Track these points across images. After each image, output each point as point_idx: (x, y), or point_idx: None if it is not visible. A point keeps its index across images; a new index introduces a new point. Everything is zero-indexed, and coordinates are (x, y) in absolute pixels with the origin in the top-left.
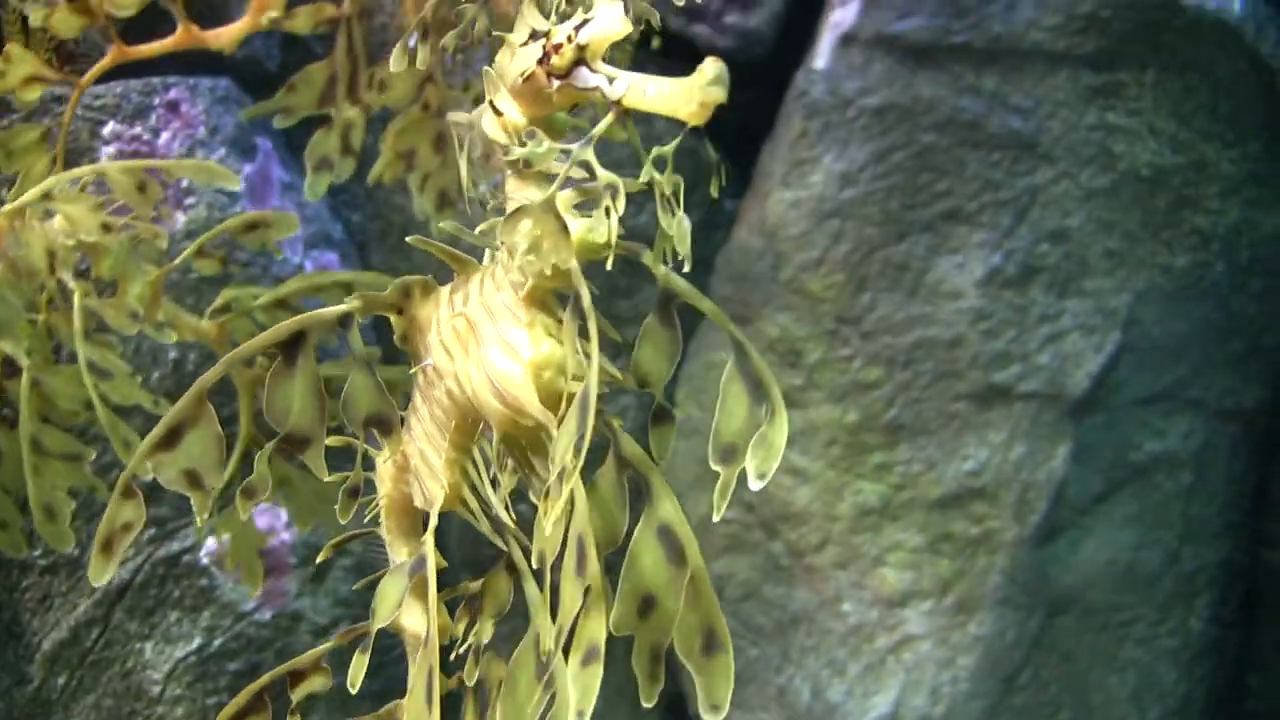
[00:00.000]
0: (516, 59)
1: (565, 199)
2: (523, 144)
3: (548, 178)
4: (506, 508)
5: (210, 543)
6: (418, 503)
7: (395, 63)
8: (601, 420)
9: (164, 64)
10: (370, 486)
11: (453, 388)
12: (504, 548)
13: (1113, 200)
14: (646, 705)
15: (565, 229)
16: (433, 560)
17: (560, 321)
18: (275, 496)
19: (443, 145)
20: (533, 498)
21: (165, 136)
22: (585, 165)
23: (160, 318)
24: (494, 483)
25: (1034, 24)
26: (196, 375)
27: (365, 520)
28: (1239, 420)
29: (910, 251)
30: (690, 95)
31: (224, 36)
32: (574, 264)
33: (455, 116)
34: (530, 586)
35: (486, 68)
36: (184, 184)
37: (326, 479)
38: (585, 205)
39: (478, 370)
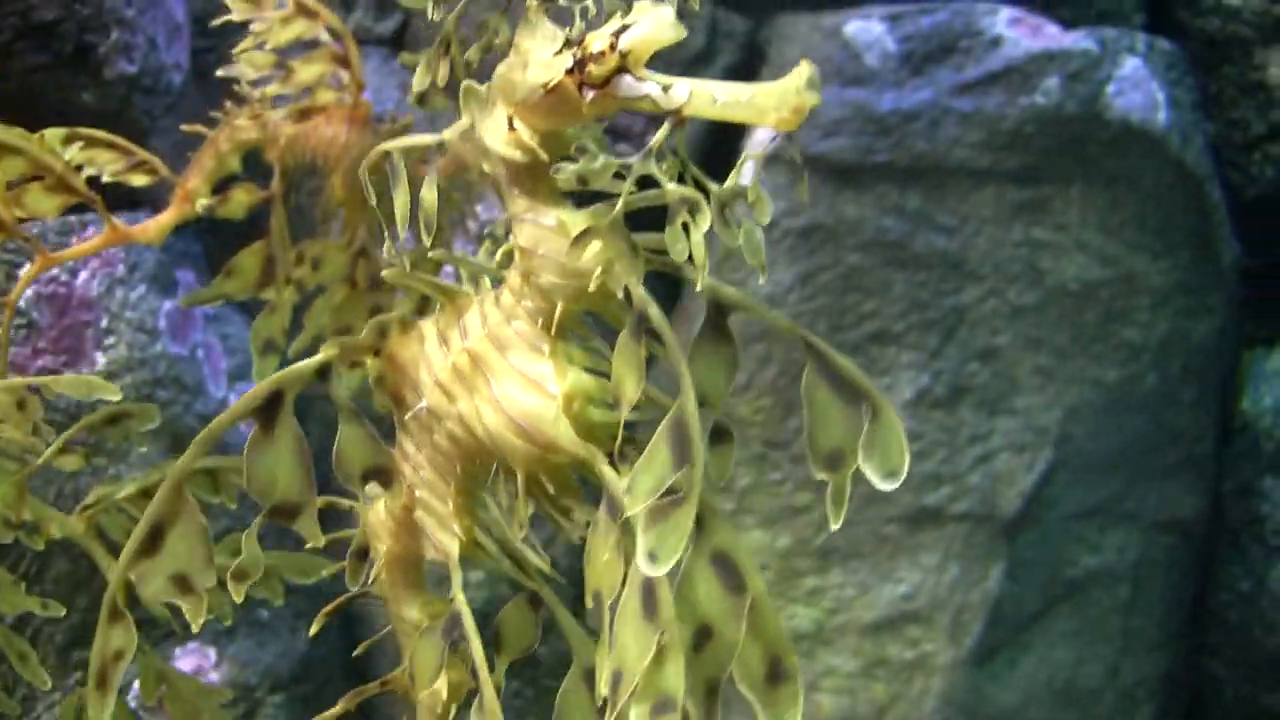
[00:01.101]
0: (534, 69)
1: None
2: (538, 160)
3: (559, 196)
4: (533, 546)
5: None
6: (429, 555)
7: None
8: (634, 448)
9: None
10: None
11: (456, 430)
12: (530, 586)
13: (1041, 317)
14: None
15: (636, 249)
16: (469, 617)
17: (587, 348)
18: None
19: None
20: (572, 535)
21: (84, 276)
22: (649, 179)
23: (26, 516)
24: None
25: (957, 141)
26: None
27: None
28: (1176, 531)
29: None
30: (785, 98)
31: (151, 230)
32: (638, 284)
33: (404, 141)
34: (567, 619)
35: (476, 84)
36: (103, 323)
37: (320, 542)
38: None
39: (492, 409)
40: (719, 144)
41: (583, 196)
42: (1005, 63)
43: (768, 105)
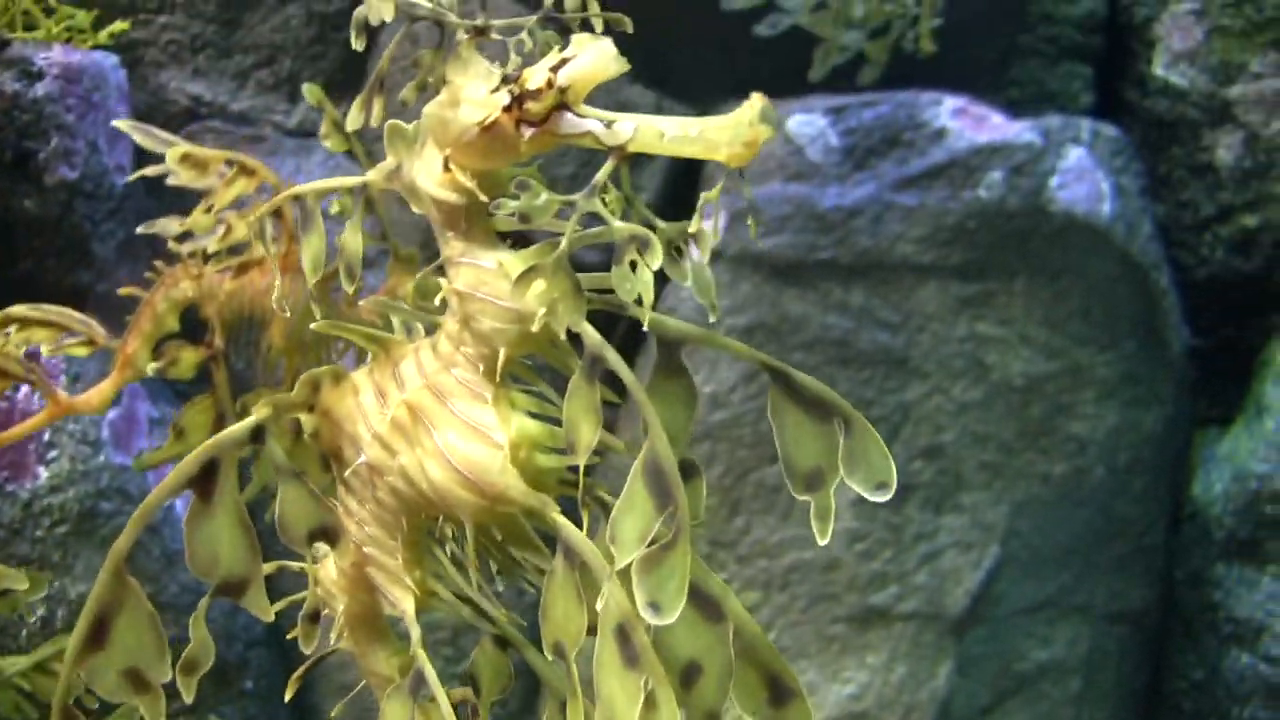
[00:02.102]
0: (468, 107)
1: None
2: (475, 201)
3: (496, 237)
4: (484, 591)
5: None
6: (386, 610)
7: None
8: (590, 495)
9: (25, 301)
10: None
11: (399, 485)
12: (490, 629)
13: (987, 412)
14: None
15: (579, 288)
16: (431, 672)
17: (531, 393)
18: None
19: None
20: (526, 583)
21: (25, 390)
22: (594, 216)
23: None
24: (457, 564)
25: (900, 237)
26: None
27: None
28: (1126, 621)
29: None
30: (737, 133)
31: (94, 400)
32: (585, 324)
33: (324, 183)
34: (537, 659)
35: (403, 124)
36: (45, 436)
37: (270, 618)
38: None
39: (435, 461)
40: (678, 181)
41: (518, 239)
42: (949, 156)
43: (719, 139)
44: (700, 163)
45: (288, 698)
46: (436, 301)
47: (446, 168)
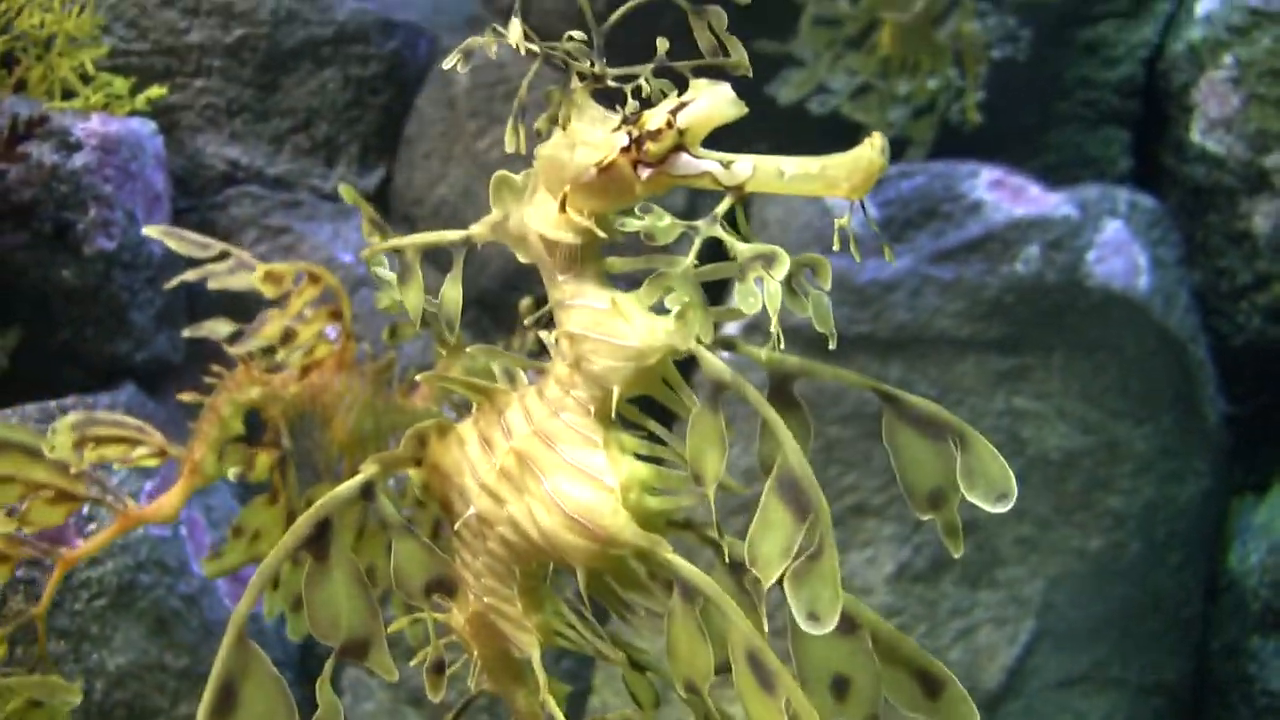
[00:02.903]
0: (585, 150)
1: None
2: (590, 242)
3: (607, 278)
4: (599, 633)
5: None
6: (516, 654)
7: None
8: (699, 532)
9: (64, 371)
10: None
11: (508, 534)
12: (612, 661)
13: (1023, 487)
14: None
15: (706, 301)
16: (559, 714)
17: (637, 434)
18: None
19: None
20: (637, 627)
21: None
22: (716, 239)
23: None
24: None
25: (939, 311)
26: None
27: None
28: (1162, 694)
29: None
30: (857, 166)
31: (165, 508)
32: (706, 352)
33: (429, 237)
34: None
35: (509, 174)
36: (84, 509)
37: (394, 677)
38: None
39: (545, 508)
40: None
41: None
42: (986, 230)
43: (839, 176)
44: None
45: None
46: (552, 339)
47: (562, 208)
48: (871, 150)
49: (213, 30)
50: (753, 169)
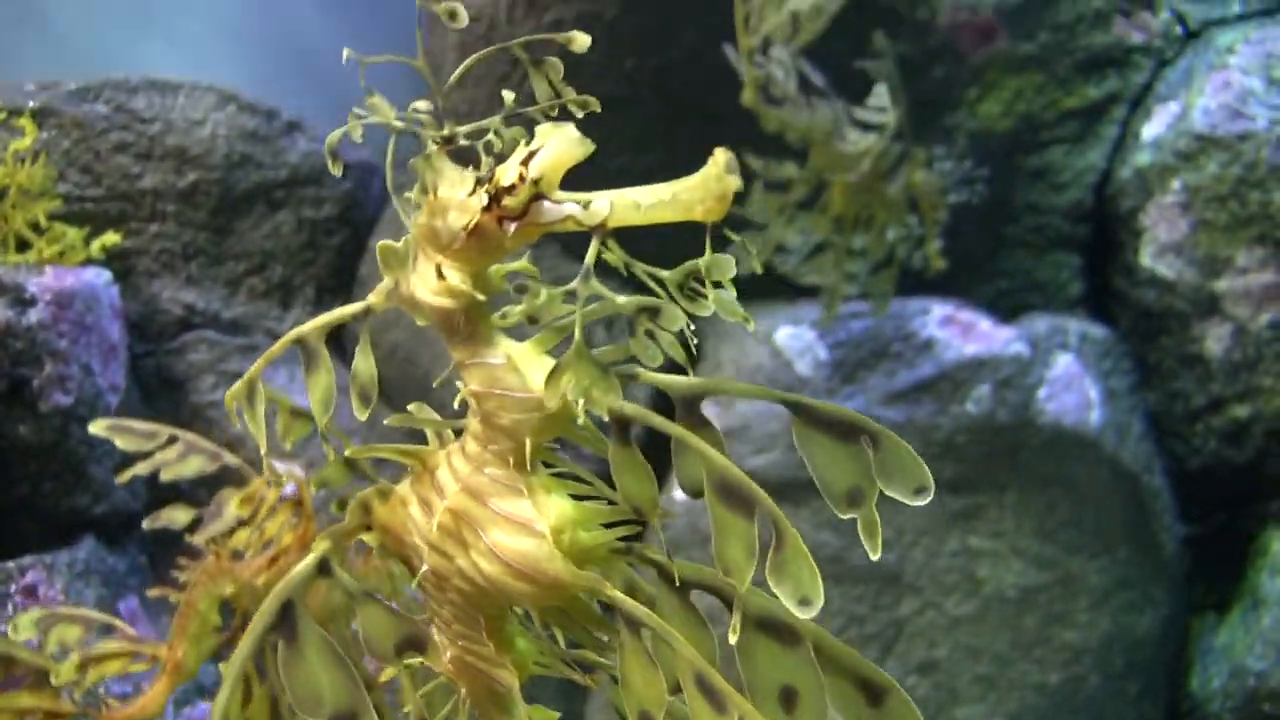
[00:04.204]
0: (451, 214)
1: (542, 343)
2: (474, 303)
3: (498, 333)
4: (570, 662)
5: None
6: (500, 689)
7: None
8: (640, 557)
9: (23, 525)
10: None
11: (462, 585)
12: (591, 684)
13: (980, 625)
14: None
15: (604, 369)
16: None
17: (559, 474)
18: None
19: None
20: (596, 656)
21: None
22: (597, 297)
23: None
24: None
25: None
26: None
27: None
28: None
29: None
30: (706, 190)
31: (150, 708)
32: (620, 401)
33: (330, 316)
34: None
35: (392, 243)
36: None
37: None
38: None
39: (487, 560)
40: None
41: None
42: (937, 369)
43: (693, 200)
44: None
45: None
46: (455, 405)
47: (440, 275)
48: (717, 169)
49: (166, 175)
50: (610, 206)
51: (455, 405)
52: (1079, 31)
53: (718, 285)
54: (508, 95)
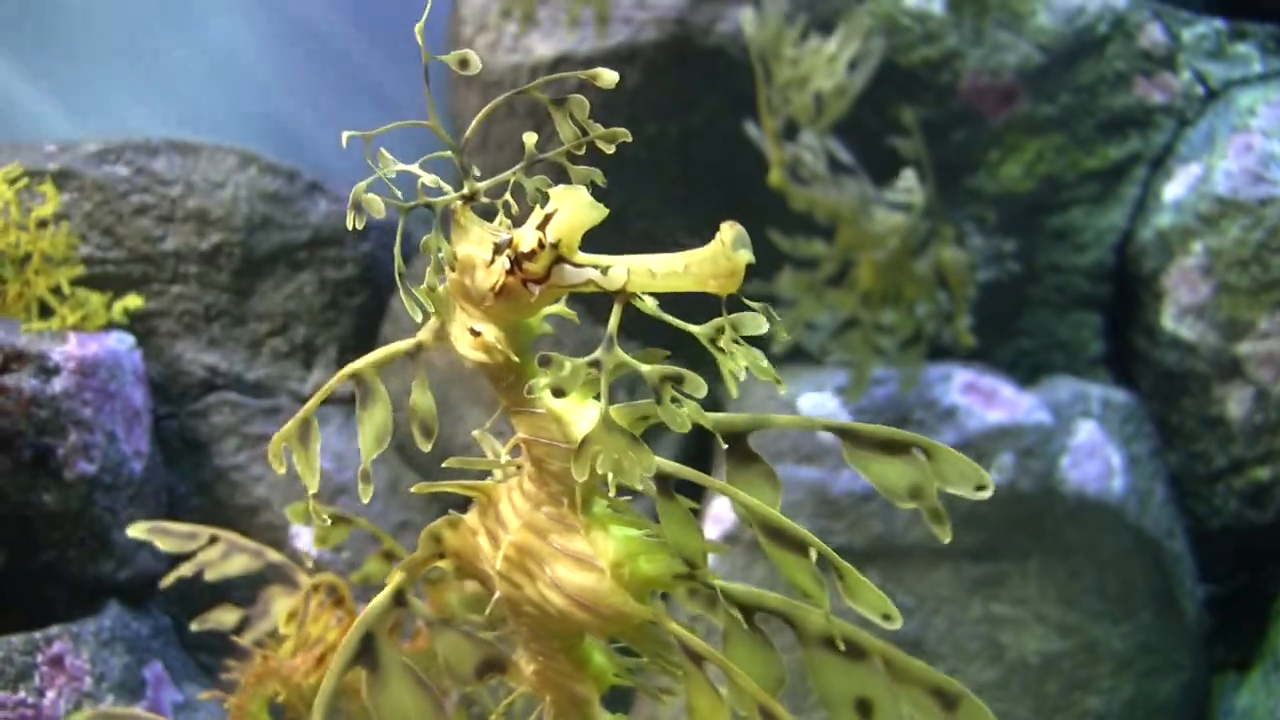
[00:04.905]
0: (480, 274)
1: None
2: (506, 360)
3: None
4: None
5: None
6: (579, 699)
7: None
8: (702, 582)
9: (48, 591)
10: None
11: (532, 611)
12: (666, 697)
13: (1003, 692)
14: None
15: (634, 439)
16: None
17: (615, 505)
18: None
19: None
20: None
21: (50, 696)
22: (621, 364)
23: None
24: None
25: (913, 521)
26: None
27: None
28: None
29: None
30: (717, 264)
31: None
32: (651, 466)
33: (384, 352)
34: None
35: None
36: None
37: None
38: None
39: (553, 592)
40: None
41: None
42: (960, 438)
43: (704, 273)
44: None
45: None
46: (507, 450)
47: (474, 334)
48: (724, 246)
49: (188, 237)
50: (627, 273)
51: (505, 451)
52: (1100, 92)
53: (750, 343)
54: (529, 139)
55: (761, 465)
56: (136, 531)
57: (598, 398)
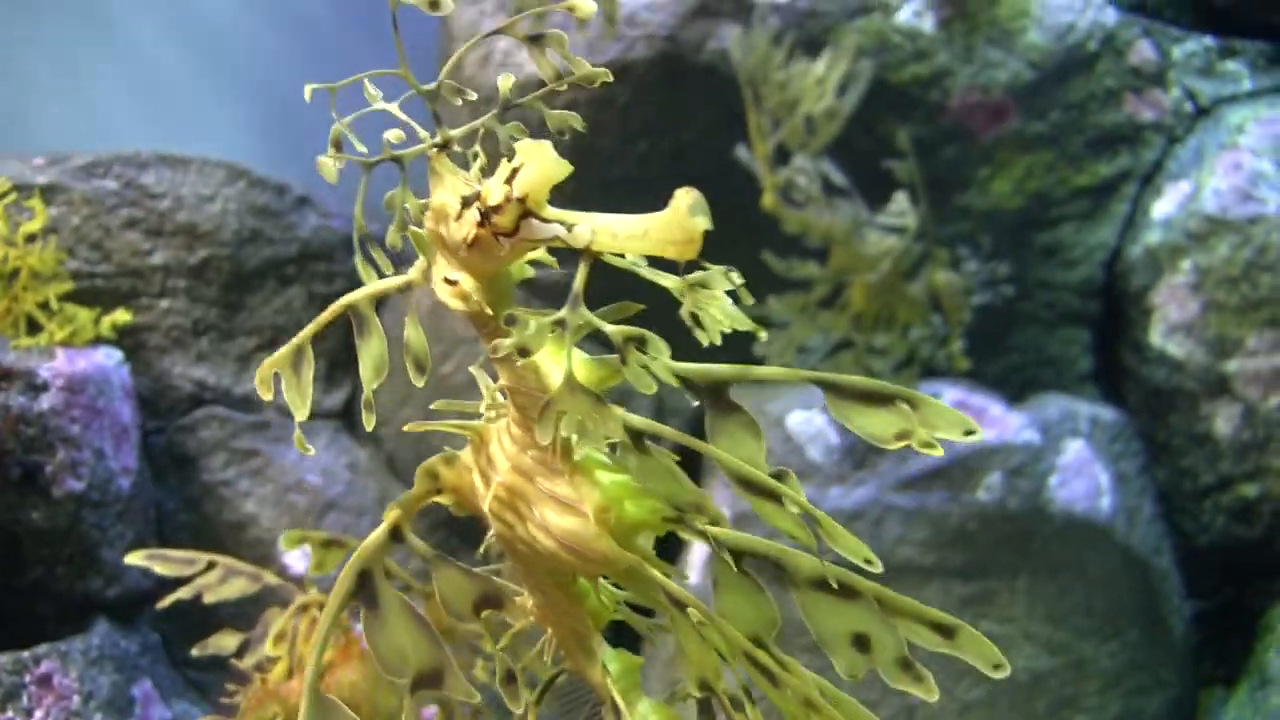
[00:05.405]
0: (456, 225)
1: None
2: (482, 309)
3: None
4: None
5: None
6: (579, 633)
7: None
8: (688, 524)
9: (37, 608)
10: None
11: (524, 550)
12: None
13: (990, 710)
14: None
15: (602, 402)
16: (619, 700)
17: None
18: None
19: None
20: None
21: (39, 716)
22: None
23: None
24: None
25: (902, 540)
26: None
27: None
28: None
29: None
30: (673, 230)
31: None
32: (618, 428)
33: (373, 287)
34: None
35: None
36: None
37: (476, 699)
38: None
39: (542, 533)
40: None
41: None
42: (950, 457)
43: (663, 238)
44: None
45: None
46: (492, 393)
47: (449, 280)
48: (679, 212)
49: (177, 251)
50: (592, 231)
51: (492, 393)
52: (1090, 109)
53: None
54: (504, 82)
55: (742, 415)
56: (135, 559)
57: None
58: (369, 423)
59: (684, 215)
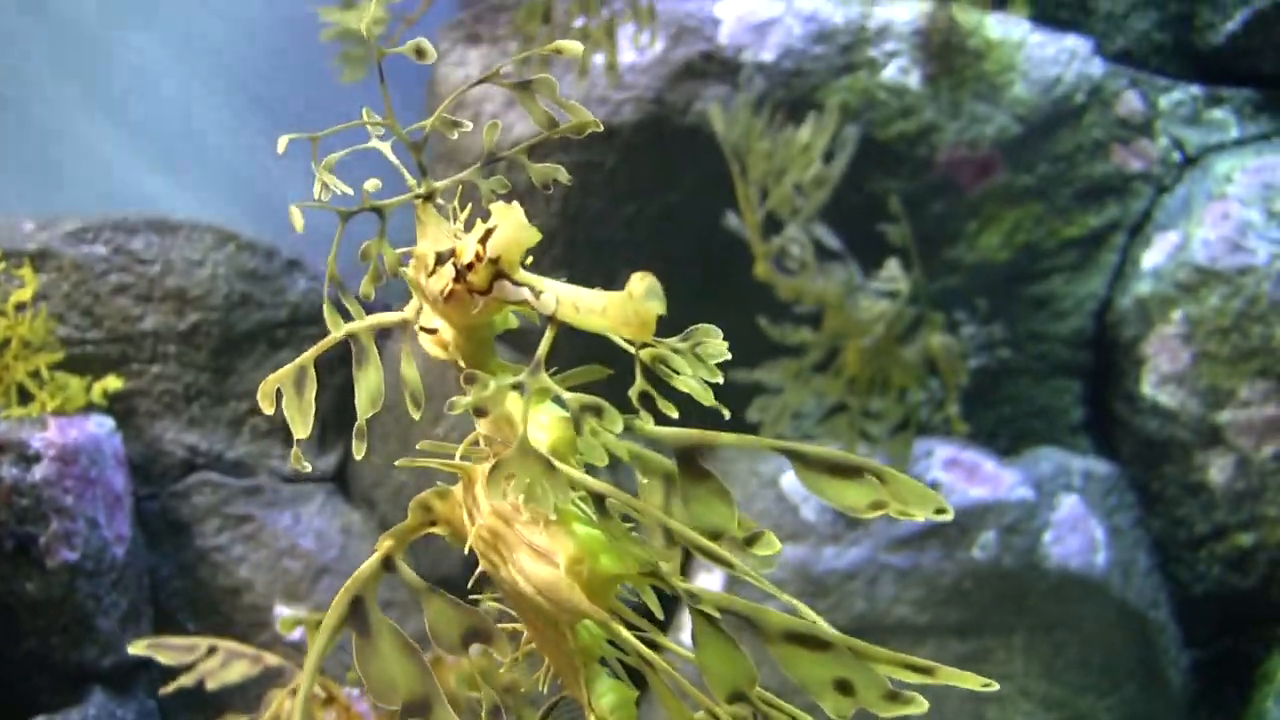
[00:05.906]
0: (434, 277)
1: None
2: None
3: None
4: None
5: None
6: (574, 664)
7: None
8: (664, 579)
9: (32, 679)
10: None
11: (510, 590)
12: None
13: None
14: None
15: (552, 468)
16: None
17: (582, 498)
18: None
19: None
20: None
21: None
22: (547, 389)
23: None
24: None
25: (897, 599)
26: None
27: None
28: None
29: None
30: (627, 311)
31: None
32: (565, 495)
33: (371, 320)
34: None
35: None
36: None
37: None
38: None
39: (521, 578)
40: None
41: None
42: None
43: (619, 318)
44: None
45: None
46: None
47: (428, 329)
48: (633, 297)
49: (167, 316)
50: (555, 301)
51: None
52: (1078, 161)
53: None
54: (489, 133)
55: (713, 482)
56: (136, 649)
57: (558, 400)
58: (359, 451)
59: (638, 300)
